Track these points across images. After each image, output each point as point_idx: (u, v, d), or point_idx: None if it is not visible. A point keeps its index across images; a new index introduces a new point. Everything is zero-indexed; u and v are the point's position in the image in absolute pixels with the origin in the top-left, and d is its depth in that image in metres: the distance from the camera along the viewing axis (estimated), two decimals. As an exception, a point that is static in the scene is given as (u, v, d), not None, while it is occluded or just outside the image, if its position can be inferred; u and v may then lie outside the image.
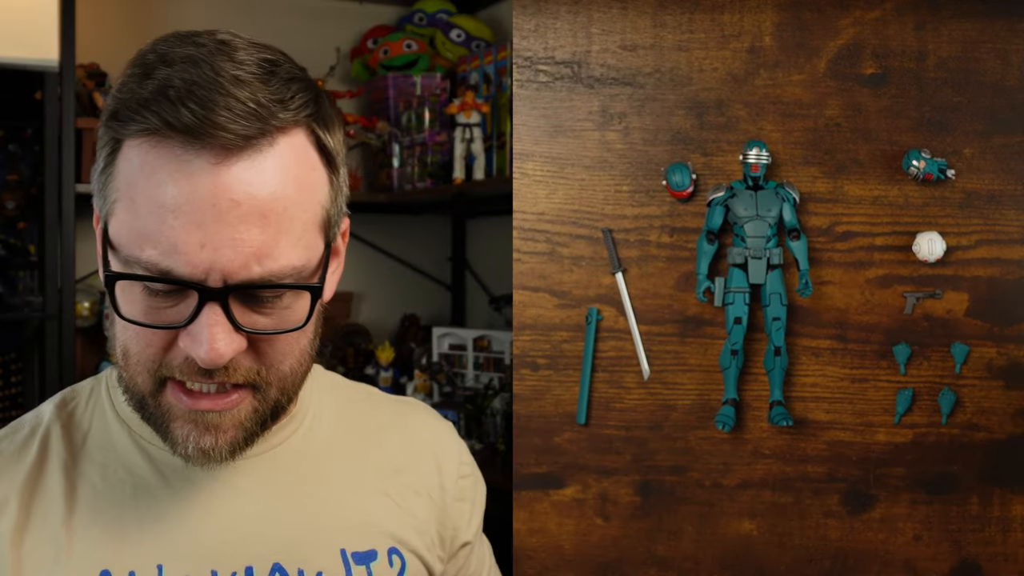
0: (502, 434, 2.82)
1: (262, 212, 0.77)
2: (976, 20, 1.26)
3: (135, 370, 0.82)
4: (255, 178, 0.77)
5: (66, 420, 0.93)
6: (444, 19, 3.36)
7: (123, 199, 0.78)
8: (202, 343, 0.77)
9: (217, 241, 0.76)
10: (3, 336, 2.66)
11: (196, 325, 0.78)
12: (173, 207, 0.76)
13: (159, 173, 0.76)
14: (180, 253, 0.76)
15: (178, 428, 0.83)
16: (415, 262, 3.57)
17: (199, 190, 0.75)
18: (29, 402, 2.63)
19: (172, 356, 0.81)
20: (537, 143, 1.28)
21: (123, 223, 0.78)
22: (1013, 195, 1.25)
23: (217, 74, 0.76)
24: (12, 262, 2.65)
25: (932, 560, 1.27)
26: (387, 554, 0.96)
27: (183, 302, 0.79)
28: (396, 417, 1.07)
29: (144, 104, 0.76)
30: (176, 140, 0.75)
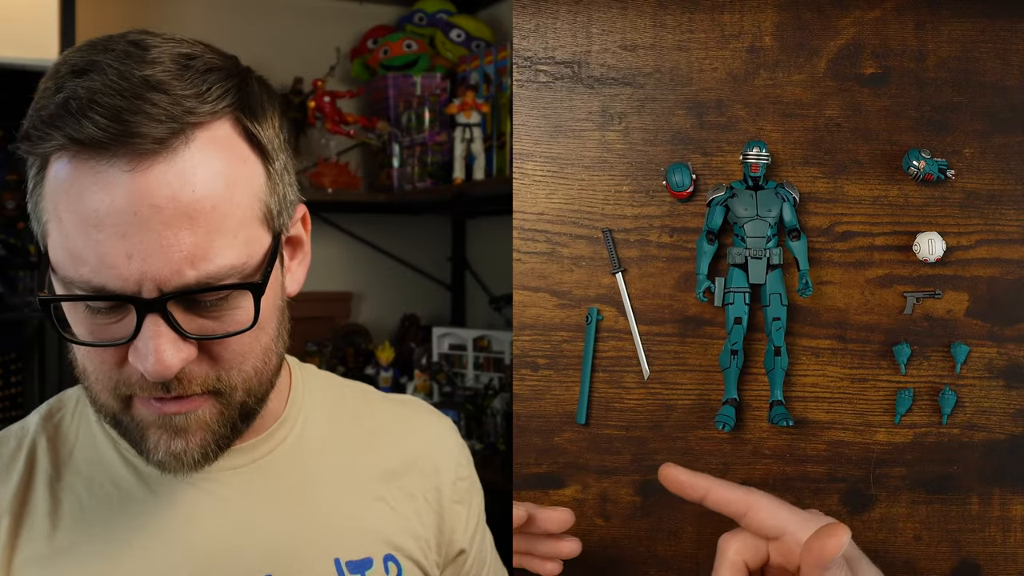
0: (502, 434, 2.82)
1: (188, 214, 0.73)
2: (976, 20, 1.26)
3: (96, 389, 0.80)
4: (175, 179, 0.73)
5: (52, 433, 0.90)
6: (444, 19, 3.36)
7: (53, 219, 0.76)
8: (147, 356, 0.75)
9: (144, 250, 0.73)
10: (3, 336, 2.66)
11: (139, 340, 0.75)
12: (95, 221, 0.73)
13: (77, 188, 0.73)
14: (109, 267, 0.73)
15: (151, 436, 0.80)
16: (415, 262, 3.57)
17: (117, 200, 0.72)
18: (29, 402, 2.63)
19: (127, 373, 0.78)
20: (537, 143, 1.28)
21: (57, 244, 0.76)
22: (1013, 195, 1.26)
23: (123, 78, 0.73)
24: (12, 262, 2.65)
25: (932, 560, 1.27)
26: (383, 561, 0.94)
27: (125, 317, 0.76)
28: (392, 417, 1.06)
29: (49, 121, 0.73)
30: (88, 153, 0.73)
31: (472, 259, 3.60)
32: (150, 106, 0.72)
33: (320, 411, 1.00)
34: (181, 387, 0.78)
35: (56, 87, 0.75)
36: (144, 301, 0.74)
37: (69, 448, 0.89)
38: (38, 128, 0.74)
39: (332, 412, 1.01)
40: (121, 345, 0.76)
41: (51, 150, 0.74)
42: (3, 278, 2.63)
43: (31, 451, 0.89)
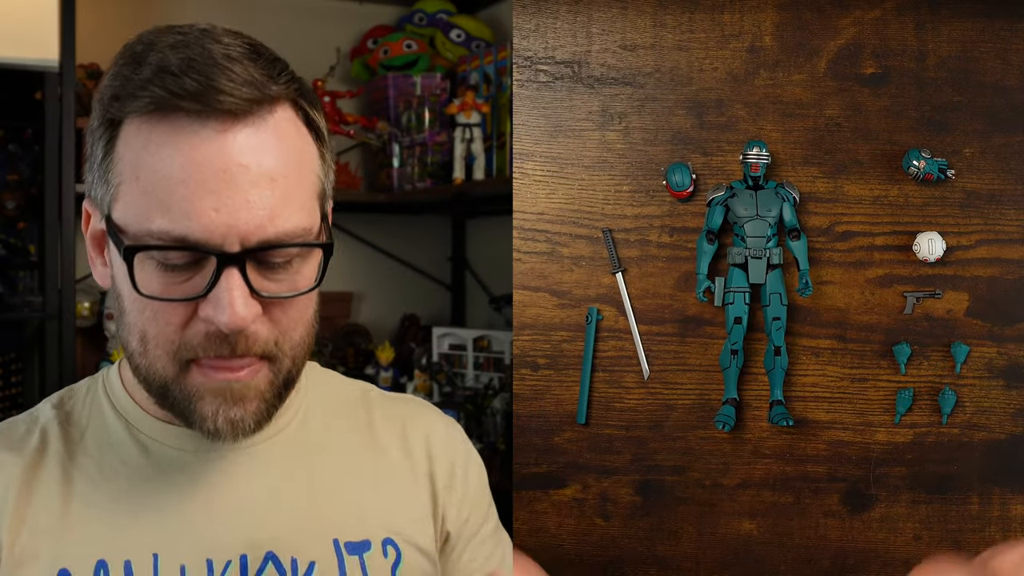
0: (502, 434, 2.82)
1: (270, 176, 0.80)
2: (976, 20, 1.26)
3: (155, 355, 0.82)
4: (259, 144, 0.80)
5: (64, 418, 0.94)
6: (444, 19, 3.36)
7: (128, 180, 0.80)
8: (224, 307, 0.78)
9: (231, 205, 0.78)
10: (3, 336, 2.66)
11: (217, 291, 0.79)
12: (183, 177, 0.77)
13: (166, 147, 0.78)
14: (194, 219, 0.77)
15: (206, 405, 0.83)
16: (415, 262, 3.57)
17: (208, 157, 0.78)
18: (29, 402, 2.63)
19: (191, 333, 0.81)
20: (537, 143, 1.28)
21: (129, 204, 0.80)
22: (1013, 195, 1.25)
23: (209, 54, 0.78)
24: (12, 262, 2.65)
25: (932, 560, 1.27)
26: (381, 545, 0.96)
27: (199, 273, 0.80)
28: (393, 412, 1.07)
29: (145, 83, 0.78)
30: (180, 113, 0.78)
31: (472, 259, 3.60)
32: (236, 75, 0.78)
33: (322, 400, 1.02)
34: (245, 346, 0.82)
35: (136, 61, 0.80)
36: (226, 254, 0.78)
37: (80, 431, 0.93)
38: (130, 89, 0.79)
39: (333, 402, 1.04)
40: (193, 301, 0.80)
41: (137, 111, 0.79)
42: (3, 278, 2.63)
43: (44, 432, 0.93)
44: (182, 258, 0.79)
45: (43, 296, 2.54)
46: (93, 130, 0.83)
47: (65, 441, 0.92)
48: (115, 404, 0.93)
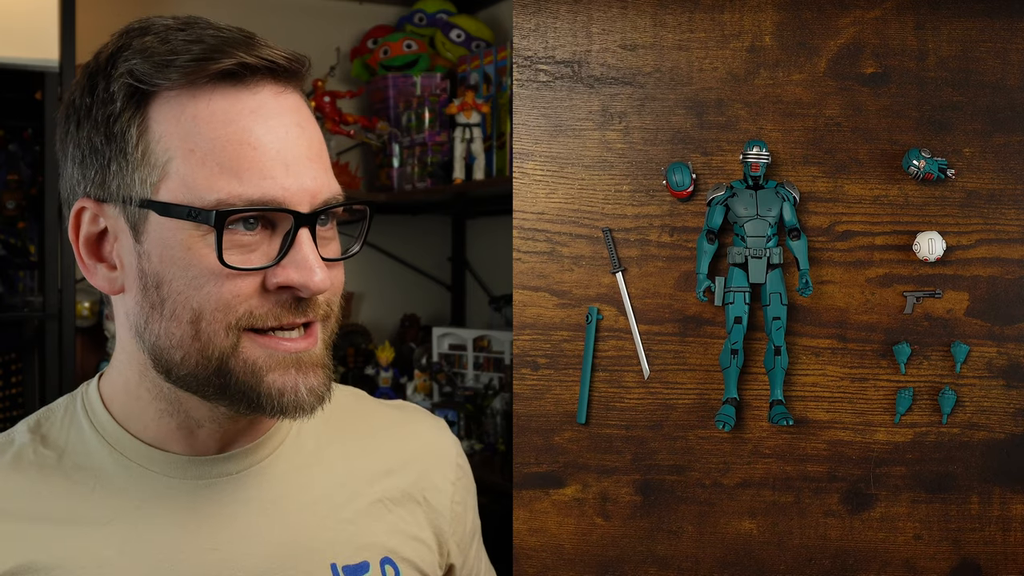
0: (502, 434, 2.82)
1: (318, 139, 0.83)
2: (976, 20, 1.26)
3: (211, 331, 0.79)
4: (303, 109, 0.83)
5: (39, 441, 0.88)
6: (444, 19, 3.36)
7: (179, 155, 0.78)
8: (310, 270, 0.78)
9: (298, 166, 0.79)
10: (3, 336, 2.66)
11: (296, 254, 0.78)
12: (250, 140, 0.77)
13: (222, 114, 0.78)
14: (269, 180, 0.77)
15: (277, 378, 0.81)
16: (415, 262, 3.57)
17: (271, 119, 0.79)
18: (29, 402, 2.63)
19: (256, 303, 0.79)
20: (537, 143, 1.28)
21: (186, 178, 0.77)
22: (1013, 194, 1.26)
23: (234, 32, 0.80)
24: (12, 262, 2.65)
25: (932, 560, 1.27)
26: (379, 565, 0.94)
27: (266, 240, 0.79)
28: (387, 420, 1.05)
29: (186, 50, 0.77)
30: (227, 81, 0.78)
31: (472, 259, 3.61)
32: (271, 48, 0.80)
33: (316, 416, 0.99)
34: (313, 308, 0.82)
35: (163, 38, 0.79)
36: (302, 214, 0.78)
37: (58, 454, 0.88)
38: (163, 58, 0.77)
39: (327, 416, 1.00)
40: (264, 269, 0.79)
41: (180, 79, 0.77)
42: (3, 278, 2.63)
43: (17, 457, 0.87)
44: (256, 220, 0.78)
45: (43, 296, 2.54)
46: (112, 117, 0.79)
47: (40, 464, 0.86)
48: (95, 424, 0.88)
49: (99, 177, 0.81)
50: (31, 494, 0.84)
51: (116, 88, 0.79)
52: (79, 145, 0.82)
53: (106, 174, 0.80)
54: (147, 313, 0.81)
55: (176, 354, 0.81)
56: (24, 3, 2.40)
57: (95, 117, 0.80)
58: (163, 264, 0.79)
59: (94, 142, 0.80)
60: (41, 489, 0.85)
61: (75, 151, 0.83)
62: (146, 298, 0.81)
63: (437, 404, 3.06)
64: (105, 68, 0.80)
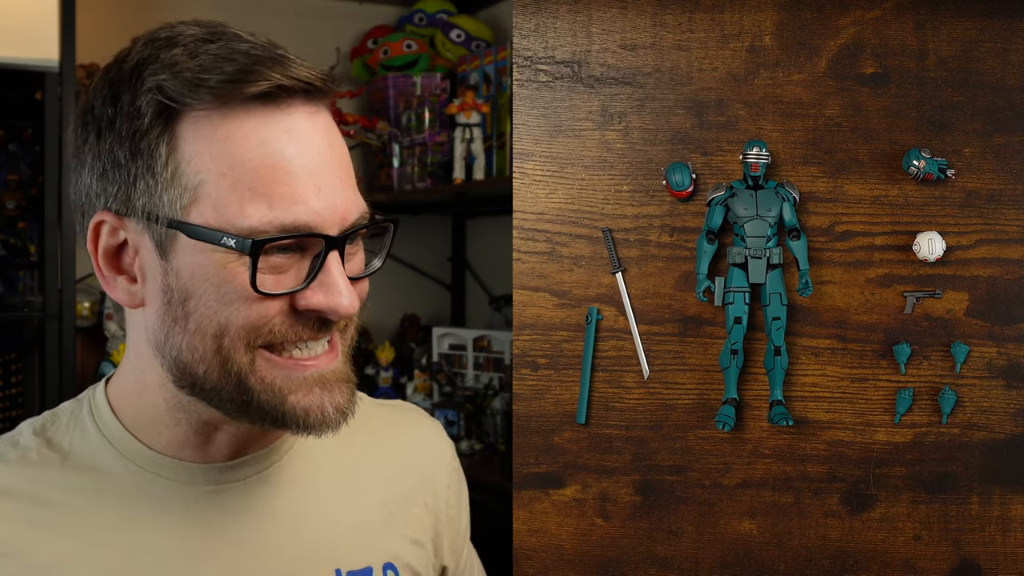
0: (502, 434, 2.82)
1: (346, 158, 0.83)
2: (976, 20, 1.26)
3: (231, 347, 0.79)
4: (333, 129, 0.83)
5: (45, 444, 0.88)
6: (444, 19, 3.36)
7: (212, 178, 0.77)
8: (339, 293, 0.79)
9: (329, 187, 0.79)
10: (3, 336, 2.66)
11: (326, 277, 0.79)
12: (282, 164, 0.77)
13: (255, 135, 0.77)
14: (300, 204, 0.77)
15: (301, 398, 0.81)
16: (415, 262, 3.57)
17: (303, 142, 0.78)
18: (29, 402, 2.63)
19: (279, 321, 0.79)
20: (537, 143, 1.28)
21: (218, 202, 0.76)
22: (1013, 195, 1.25)
23: (265, 46, 0.79)
24: (12, 262, 2.65)
25: (932, 560, 1.27)
26: (382, 570, 0.95)
27: (296, 263, 0.79)
28: (387, 423, 1.06)
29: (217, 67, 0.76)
30: (259, 102, 0.77)
31: (472, 259, 3.61)
32: (304, 63, 0.80)
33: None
34: (335, 324, 0.82)
35: (191, 51, 0.77)
36: (332, 237, 0.79)
37: (63, 457, 0.87)
38: (192, 75, 0.76)
39: None
40: (294, 293, 0.79)
41: (211, 98, 0.76)
42: (3, 278, 2.63)
43: (23, 459, 0.87)
44: (292, 241, 0.78)
45: (43, 296, 2.54)
46: (139, 133, 0.77)
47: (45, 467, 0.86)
48: (101, 428, 0.88)
49: (122, 193, 0.79)
50: (37, 498, 0.84)
51: (144, 103, 0.77)
52: (99, 156, 0.80)
53: (131, 191, 0.79)
54: (168, 327, 0.80)
55: (199, 368, 0.80)
56: (24, 3, 2.40)
57: (119, 130, 0.78)
58: (194, 281, 0.78)
59: (117, 156, 0.79)
60: (47, 493, 0.84)
61: (95, 162, 0.81)
62: (169, 312, 0.80)
63: (437, 404, 3.06)
64: (130, 80, 0.78)
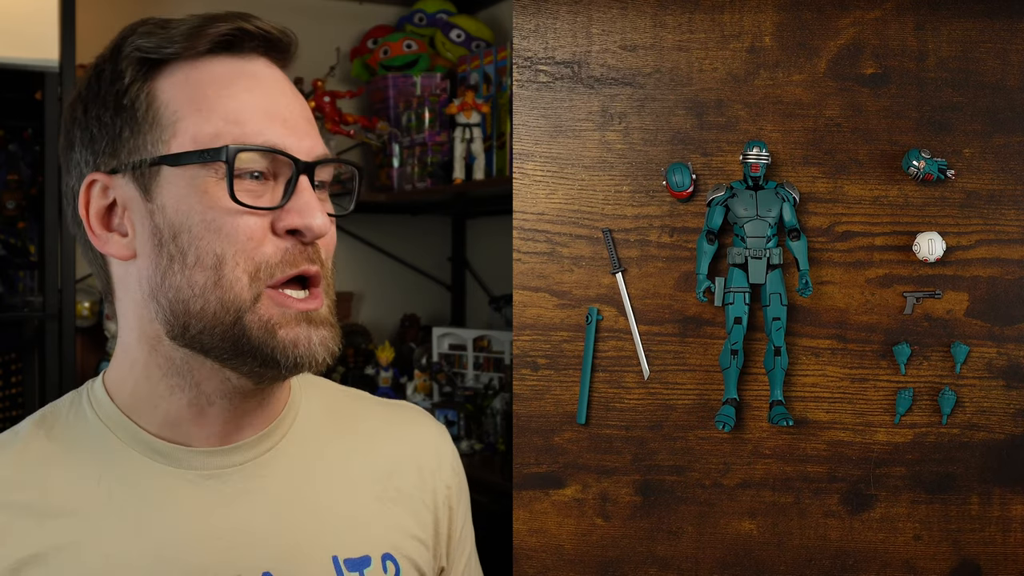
0: (502, 434, 2.82)
1: (308, 110, 0.90)
2: (976, 20, 1.26)
3: (233, 277, 0.83)
4: (293, 86, 0.91)
5: (45, 435, 0.89)
6: (444, 19, 3.36)
7: (187, 115, 0.84)
8: (312, 211, 0.84)
9: (295, 124, 0.86)
10: (3, 336, 2.66)
11: (299, 198, 0.85)
12: (252, 100, 0.85)
13: (226, 78, 0.85)
14: (268, 132, 0.84)
15: (289, 332, 0.85)
16: (415, 262, 3.57)
17: (271, 85, 0.87)
18: (29, 402, 2.63)
19: (268, 252, 0.84)
20: (537, 143, 1.28)
21: (193, 133, 0.83)
22: (1013, 195, 1.26)
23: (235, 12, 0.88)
24: (12, 262, 2.65)
25: (932, 560, 1.27)
26: (381, 560, 0.95)
27: (269, 189, 0.85)
28: (387, 420, 1.06)
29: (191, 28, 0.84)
30: (229, 53, 0.86)
31: (472, 259, 3.61)
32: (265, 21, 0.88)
33: (317, 412, 1.00)
34: (319, 257, 0.87)
35: (163, 23, 0.86)
36: (303, 162, 0.85)
37: (64, 447, 0.88)
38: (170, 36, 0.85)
39: (328, 413, 1.02)
40: (271, 211, 0.84)
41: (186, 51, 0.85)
42: (3, 278, 2.63)
43: (23, 449, 0.88)
44: (263, 165, 0.84)
45: (43, 296, 2.54)
46: (121, 91, 0.85)
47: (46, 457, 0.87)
48: (101, 417, 0.89)
49: (109, 148, 0.86)
50: (37, 486, 0.85)
51: (124, 66, 0.85)
52: (87, 127, 0.87)
53: (116, 144, 0.85)
54: (164, 268, 0.84)
55: (196, 303, 0.83)
56: (24, 3, 2.40)
57: (103, 97, 0.86)
58: (179, 214, 0.83)
59: (103, 119, 0.86)
60: (47, 481, 0.86)
61: (83, 134, 0.87)
62: (163, 253, 0.84)
63: (437, 404, 3.06)
64: (111, 56, 0.87)
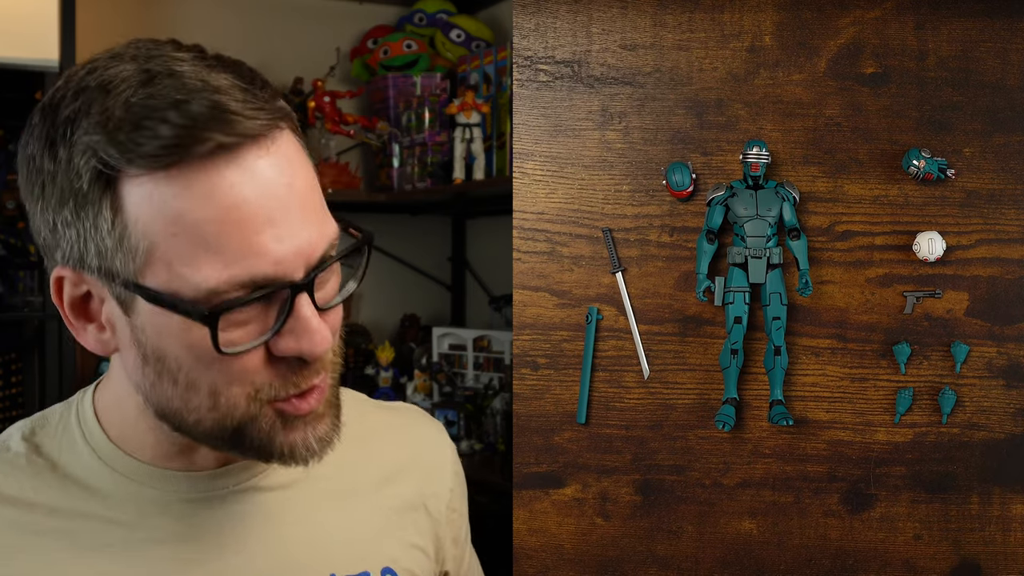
0: (502, 434, 2.82)
1: (304, 191, 0.77)
2: (976, 19, 1.26)
3: (231, 404, 0.78)
4: (286, 163, 0.76)
5: (34, 450, 0.87)
6: (444, 19, 3.36)
7: (160, 240, 0.73)
8: (311, 336, 0.75)
9: (289, 232, 0.75)
10: (3, 336, 2.66)
11: (295, 322, 0.75)
12: (235, 218, 0.73)
13: (200, 192, 0.72)
14: (258, 256, 0.73)
15: (291, 433, 0.80)
16: (415, 262, 3.57)
17: (254, 189, 0.73)
18: (29, 402, 2.63)
19: (268, 375, 0.77)
20: (537, 143, 1.28)
21: (171, 264, 0.73)
22: (1013, 194, 1.26)
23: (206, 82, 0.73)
24: (12, 262, 2.65)
25: (932, 559, 1.27)
26: (380, 575, 0.94)
27: (263, 312, 0.76)
28: (387, 424, 1.05)
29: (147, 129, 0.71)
30: (199, 156, 0.72)
31: (472, 259, 3.61)
32: (250, 112, 0.73)
33: None
34: (321, 364, 0.80)
35: (125, 103, 0.72)
36: (298, 284, 0.75)
37: (52, 464, 0.86)
38: (125, 137, 0.72)
39: None
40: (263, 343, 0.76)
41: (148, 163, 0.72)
42: (3, 278, 2.63)
43: (12, 464, 0.86)
44: (250, 297, 0.74)
45: (43, 296, 2.54)
46: (80, 193, 0.74)
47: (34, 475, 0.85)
48: (88, 440, 0.87)
49: (75, 251, 0.76)
50: (25, 504, 0.84)
51: (81, 164, 0.74)
52: (47, 210, 0.77)
53: (83, 250, 0.76)
54: (152, 380, 0.79)
55: (189, 416, 0.79)
56: (24, 3, 2.40)
57: (61, 187, 0.75)
58: (162, 341, 0.76)
59: (64, 214, 0.76)
60: (36, 499, 0.84)
61: (44, 215, 0.78)
62: (148, 366, 0.78)
63: (437, 404, 3.06)
64: (65, 134, 0.75)
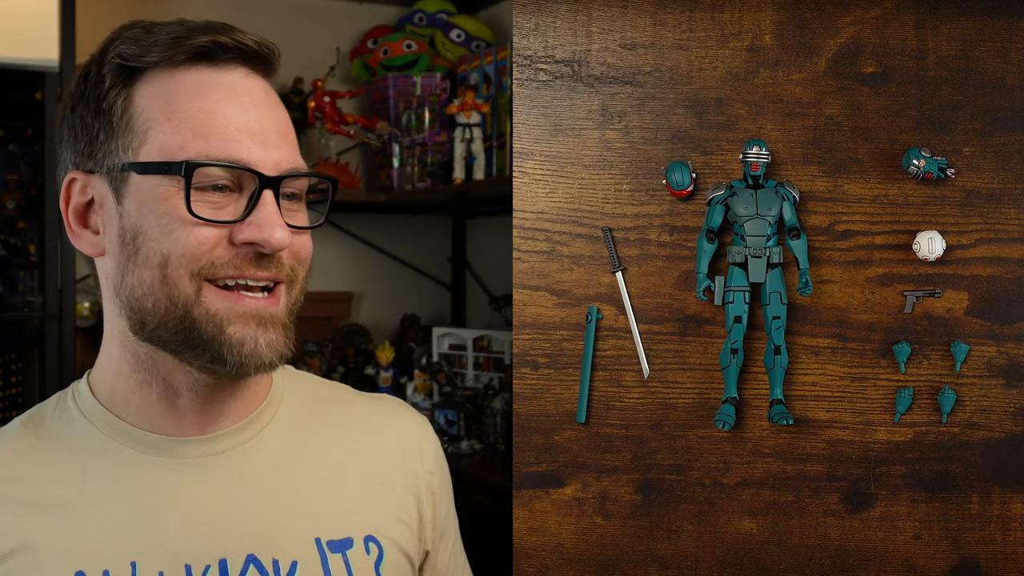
0: (502, 434, 2.82)
1: (285, 122, 0.91)
2: (976, 19, 1.26)
3: (176, 276, 0.85)
4: (273, 95, 0.91)
5: (32, 433, 0.93)
6: (444, 19, 3.36)
7: (158, 123, 0.86)
8: (272, 226, 0.85)
9: (264, 137, 0.87)
10: (3, 336, 2.67)
11: (260, 213, 0.85)
12: (222, 111, 0.86)
13: (199, 87, 0.86)
14: (235, 144, 0.85)
15: (237, 330, 0.86)
16: (415, 262, 3.58)
17: (243, 96, 0.87)
18: (29, 402, 2.63)
19: (219, 253, 0.85)
20: (537, 142, 1.28)
21: (164, 143, 0.85)
22: (1013, 194, 1.26)
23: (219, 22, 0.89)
24: (12, 262, 2.65)
25: (932, 559, 1.27)
26: (363, 542, 0.97)
27: (233, 201, 0.86)
28: (370, 411, 1.09)
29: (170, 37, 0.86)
30: (206, 62, 0.87)
31: (472, 259, 3.61)
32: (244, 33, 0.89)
33: (300, 403, 1.03)
34: (275, 266, 0.87)
35: (148, 28, 0.88)
36: (267, 176, 0.86)
37: (51, 441, 0.92)
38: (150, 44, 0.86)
39: (312, 405, 1.05)
40: (230, 224, 0.85)
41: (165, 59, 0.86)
42: (3, 278, 2.63)
43: (11, 446, 0.92)
44: (226, 178, 0.85)
45: (43, 296, 2.54)
46: (102, 95, 0.87)
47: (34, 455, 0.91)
48: (85, 413, 0.92)
49: (88, 149, 0.88)
50: (25, 480, 0.89)
51: (106, 71, 0.88)
52: (72, 126, 0.90)
53: (94, 146, 0.88)
54: (123, 266, 0.87)
55: (148, 301, 0.86)
56: (24, 3, 2.41)
57: (87, 98, 0.89)
58: (140, 216, 0.86)
59: (85, 119, 0.89)
60: (35, 475, 0.89)
61: (68, 132, 0.91)
62: (123, 251, 0.87)
63: (437, 404, 3.06)
64: (98, 58, 0.90)
